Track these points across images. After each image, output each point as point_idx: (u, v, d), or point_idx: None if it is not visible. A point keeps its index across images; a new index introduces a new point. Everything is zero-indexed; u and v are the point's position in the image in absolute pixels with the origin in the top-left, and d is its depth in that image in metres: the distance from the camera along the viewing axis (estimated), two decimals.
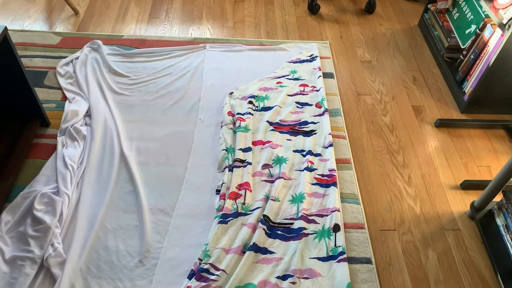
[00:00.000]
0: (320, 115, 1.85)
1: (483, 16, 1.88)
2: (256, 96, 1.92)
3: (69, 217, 1.43)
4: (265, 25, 2.35)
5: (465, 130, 1.85)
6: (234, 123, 1.78)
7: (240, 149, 1.66)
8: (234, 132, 1.74)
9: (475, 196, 1.58)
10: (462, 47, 2.00)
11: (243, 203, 1.50)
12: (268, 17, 2.40)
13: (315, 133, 1.77)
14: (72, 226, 1.41)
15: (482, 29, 1.84)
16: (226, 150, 1.66)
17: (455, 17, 2.11)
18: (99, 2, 2.44)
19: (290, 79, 2.02)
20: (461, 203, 1.56)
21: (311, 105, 1.90)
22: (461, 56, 1.99)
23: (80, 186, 1.52)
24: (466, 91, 1.90)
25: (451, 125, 1.86)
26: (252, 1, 2.51)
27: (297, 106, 1.89)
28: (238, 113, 1.81)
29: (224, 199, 1.50)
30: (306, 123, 1.82)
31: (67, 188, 1.48)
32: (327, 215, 1.47)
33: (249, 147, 1.68)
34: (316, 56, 2.13)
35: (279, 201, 1.51)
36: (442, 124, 1.85)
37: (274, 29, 2.33)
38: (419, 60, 2.18)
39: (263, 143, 1.72)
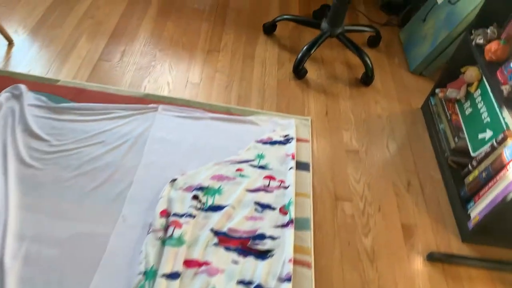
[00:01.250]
0: (283, 226, 1.43)
1: (504, 126, 1.48)
2: (206, 188, 1.49)
3: None
4: (239, 85, 1.93)
5: (465, 269, 1.43)
6: (165, 230, 1.34)
7: (164, 275, 1.22)
8: (163, 243, 1.31)
9: None
10: (473, 154, 1.60)
11: None
12: (244, 75, 1.99)
13: (272, 256, 1.34)
14: None
15: (500, 142, 1.44)
16: (144, 275, 1.22)
17: (467, 113, 1.71)
18: (44, 30, 2.02)
19: (254, 166, 1.60)
20: None
21: (274, 208, 1.48)
22: (469, 166, 1.59)
23: None
24: (471, 216, 1.49)
25: (448, 260, 1.44)
26: (229, 52, 2.11)
27: (255, 209, 1.47)
28: (174, 214, 1.38)
29: None
30: (262, 237, 1.39)
31: None
32: None
33: (177, 273, 1.24)
34: (292, 138, 1.71)
35: None
36: (436, 258, 1.43)
37: (249, 92, 1.91)
38: (418, 157, 1.77)
39: (199, 264, 1.29)
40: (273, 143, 1.70)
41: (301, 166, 1.64)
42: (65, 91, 1.74)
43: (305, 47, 1.99)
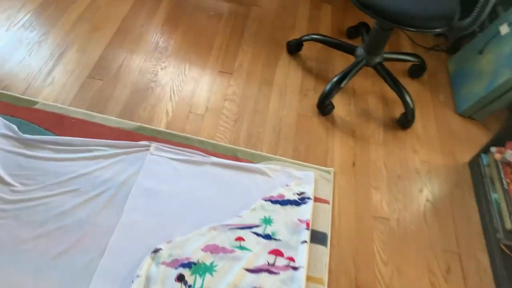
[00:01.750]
0: None
1: None
2: (195, 265, 1.20)
3: None
4: (251, 120, 1.62)
5: None
6: None
7: None
8: None
9: None
10: None
11: None
12: (258, 107, 1.67)
13: None
14: None
15: None
16: None
17: None
18: (28, 35, 1.73)
19: (258, 234, 1.30)
20: None
21: None
22: None
23: None
24: None
25: None
26: (243, 75, 1.78)
27: None
28: None
29: None
30: None
31: None
32: None
33: None
34: (309, 198, 1.40)
35: None
36: None
37: (262, 129, 1.60)
38: (461, 232, 1.44)
39: None
40: (284, 203, 1.39)
41: (317, 237, 1.33)
42: (42, 117, 1.45)
43: (334, 79, 1.65)
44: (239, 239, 1.29)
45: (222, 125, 1.58)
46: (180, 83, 1.69)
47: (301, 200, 1.40)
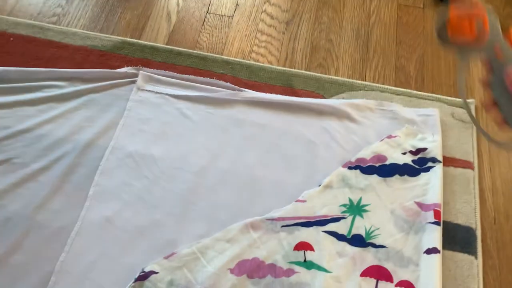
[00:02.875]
0: None
1: None
2: None
3: None
4: (314, 20, 0.92)
5: None
6: None
7: None
8: None
9: None
10: None
11: None
12: None
13: None
14: None
15: None
16: None
17: None
18: None
19: (340, 236, 0.67)
20: None
21: None
22: None
23: None
24: None
25: None
26: None
27: None
28: None
29: None
30: None
31: None
32: None
33: None
34: (434, 160, 0.72)
35: None
36: None
37: (334, 37, 0.90)
38: None
39: None
40: (386, 170, 0.73)
41: (455, 238, 0.68)
42: None
43: None
44: (303, 246, 0.66)
45: (263, 33, 0.90)
46: None
47: (420, 165, 0.73)
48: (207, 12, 0.92)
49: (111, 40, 0.86)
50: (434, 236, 0.66)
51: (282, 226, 0.68)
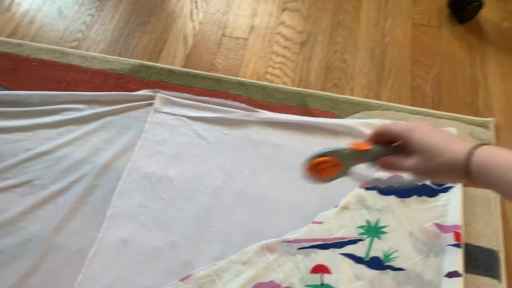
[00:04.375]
0: None
1: None
2: None
3: None
4: (328, 41, 0.92)
5: None
6: None
7: None
8: None
9: None
10: None
11: None
12: (340, 17, 0.96)
13: None
14: None
15: None
16: None
17: None
18: None
19: (357, 259, 0.66)
20: None
21: None
22: None
23: None
24: None
25: None
26: None
27: None
28: None
29: None
30: None
31: None
32: None
33: None
34: None
35: None
36: None
37: (349, 57, 0.90)
38: None
39: None
40: (404, 191, 0.72)
41: (478, 260, 0.66)
42: None
43: None
44: (320, 269, 0.65)
45: (278, 55, 0.91)
46: None
47: (439, 185, 0.72)
48: (223, 35, 0.94)
49: (129, 63, 0.88)
50: (455, 259, 0.64)
51: (299, 249, 0.67)
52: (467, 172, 0.40)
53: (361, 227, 0.69)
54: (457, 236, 0.66)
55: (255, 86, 0.84)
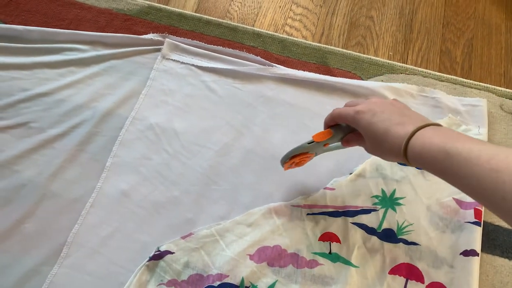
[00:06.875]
0: None
1: None
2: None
3: None
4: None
5: None
6: None
7: None
8: None
9: None
10: None
11: None
12: None
13: None
14: None
15: None
16: None
17: None
18: None
19: (370, 230, 0.62)
20: None
21: None
22: None
23: None
24: None
25: None
26: None
27: None
28: None
29: None
30: None
31: None
32: None
33: None
34: None
35: None
36: None
37: (376, 13, 0.83)
38: None
39: None
40: None
41: (497, 241, 0.62)
42: None
43: None
44: (329, 237, 0.62)
45: (299, 5, 0.83)
46: None
47: None
48: None
49: (138, 4, 0.81)
50: (473, 237, 0.60)
51: (308, 214, 0.63)
52: (407, 160, 0.42)
53: (376, 196, 0.65)
54: (478, 213, 0.62)
55: (272, 38, 0.78)
